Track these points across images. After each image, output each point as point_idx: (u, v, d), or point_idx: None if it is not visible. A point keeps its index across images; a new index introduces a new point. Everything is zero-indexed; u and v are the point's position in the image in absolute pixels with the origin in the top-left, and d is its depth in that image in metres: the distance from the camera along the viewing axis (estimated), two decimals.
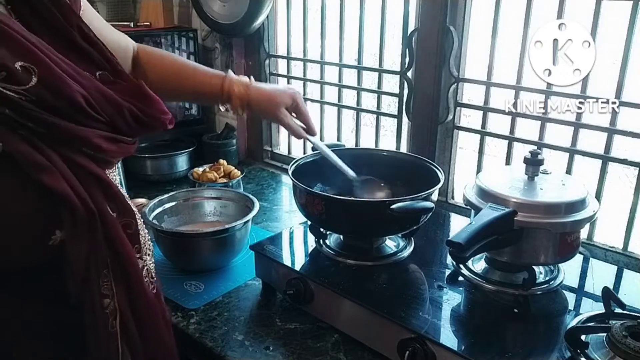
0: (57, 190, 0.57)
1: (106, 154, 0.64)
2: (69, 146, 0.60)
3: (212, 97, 1.00)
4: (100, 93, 0.63)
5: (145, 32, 1.93)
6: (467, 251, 0.84)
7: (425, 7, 1.37)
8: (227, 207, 1.35)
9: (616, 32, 1.13)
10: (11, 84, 0.55)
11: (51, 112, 0.58)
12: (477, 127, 1.40)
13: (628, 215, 1.19)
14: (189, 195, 1.36)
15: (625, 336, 0.79)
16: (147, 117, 0.69)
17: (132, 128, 0.68)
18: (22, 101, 0.55)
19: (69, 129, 0.60)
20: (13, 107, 0.55)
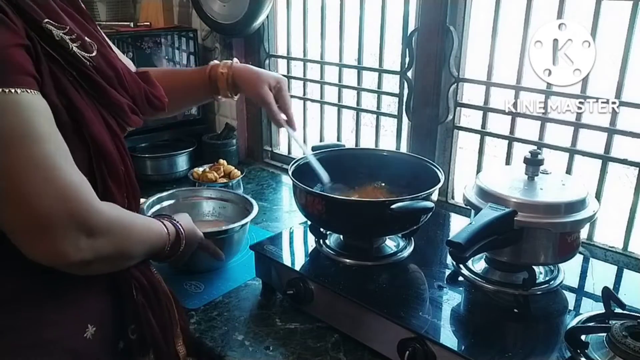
0: (100, 140, 0.70)
1: (128, 121, 0.77)
2: (107, 109, 0.73)
3: (201, 86, 1.05)
4: (129, 74, 0.79)
5: (145, 32, 1.93)
6: (467, 251, 0.84)
7: (425, 7, 1.37)
8: (226, 208, 1.34)
9: (616, 32, 1.13)
10: (83, 51, 0.70)
11: (104, 79, 0.72)
12: (477, 127, 1.40)
13: (628, 215, 1.19)
14: (188, 194, 1.35)
15: (625, 336, 0.79)
16: (155, 99, 0.84)
17: (144, 105, 0.82)
18: (88, 65, 0.70)
19: (112, 95, 0.73)
20: (79, 71, 0.69)
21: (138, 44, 1.78)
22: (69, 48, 0.67)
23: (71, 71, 0.68)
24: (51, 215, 0.60)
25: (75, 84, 0.68)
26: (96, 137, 0.69)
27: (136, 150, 1.80)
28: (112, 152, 0.72)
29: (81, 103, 0.68)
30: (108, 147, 0.71)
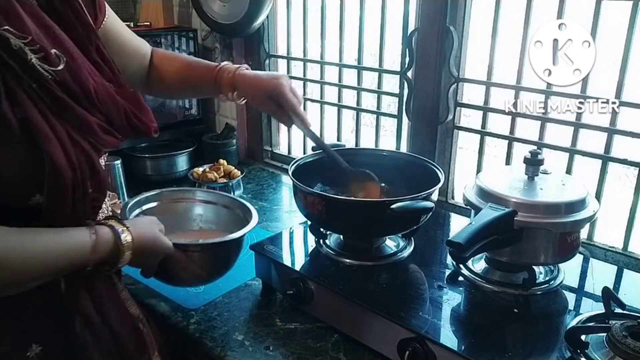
0: (55, 159, 0.65)
1: (99, 141, 0.73)
2: (72, 127, 0.69)
3: (209, 84, 1.02)
4: (105, 90, 0.74)
5: (145, 32, 1.92)
6: (467, 251, 0.84)
7: (425, 7, 1.37)
8: (220, 215, 1.13)
9: (616, 32, 1.12)
10: (46, 64, 0.66)
11: (68, 95, 0.68)
12: (477, 127, 1.40)
13: (628, 215, 1.19)
14: (176, 196, 1.14)
15: (625, 336, 0.79)
16: (137, 120, 0.79)
17: (123, 126, 0.77)
18: (49, 79, 0.66)
19: (78, 113, 0.69)
20: (40, 83, 0.65)
21: None
22: (27, 59, 0.64)
23: (30, 83, 0.65)
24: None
25: (34, 97, 0.65)
26: (50, 155, 0.65)
27: (136, 150, 1.80)
28: (65, 171, 0.66)
29: (36, 117, 0.64)
30: (61, 166, 0.66)
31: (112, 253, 0.74)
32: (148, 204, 1.08)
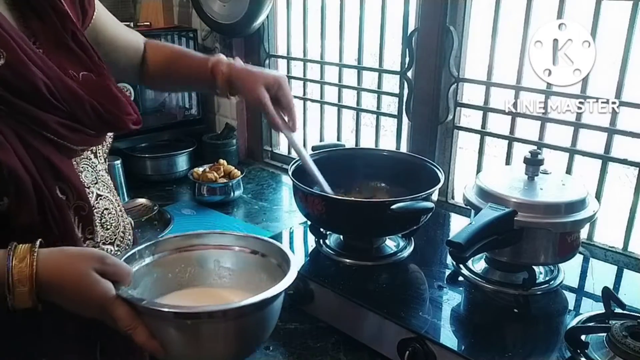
0: (7, 164, 0.61)
1: (66, 140, 0.67)
2: (30, 129, 0.64)
3: (202, 79, 0.93)
4: (63, 84, 0.68)
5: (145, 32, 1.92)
6: (467, 251, 0.84)
7: (425, 7, 1.37)
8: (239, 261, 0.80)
9: (616, 32, 1.12)
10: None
11: (14, 94, 0.63)
12: (477, 127, 1.40)
13: (628, 215, 1.19)
14: (185, 243, 0.79)
15: (625, 336, 0.79)
16: (108, 114, 0.72)
17: (93, 121, 0.70)
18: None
19: (28, 110, 0.64)
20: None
21: None
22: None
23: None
24: None
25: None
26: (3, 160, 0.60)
27: (136, 150, 1.80)
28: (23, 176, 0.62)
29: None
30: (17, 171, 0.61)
31: (2, 286, 0.59)
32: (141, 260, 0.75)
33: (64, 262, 0.62)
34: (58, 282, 0.61)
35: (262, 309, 0.67)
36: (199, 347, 0.65)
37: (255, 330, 0.69)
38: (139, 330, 0.63)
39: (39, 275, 0.60)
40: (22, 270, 0.59)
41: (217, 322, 0.64)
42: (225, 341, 0.67)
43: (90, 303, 0.63)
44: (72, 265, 0.62)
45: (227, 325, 0.65)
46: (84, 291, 0.62)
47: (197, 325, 0.63)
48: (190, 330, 0.63)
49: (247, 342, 0.69)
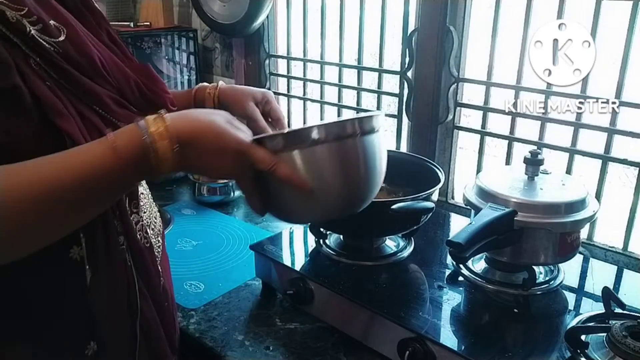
0: (72, 134, 0.61)
1: (113, 114, 0.68)
2: (83, 102, 0.65)
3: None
4: (112, 61, 0.70)
5: (145, 32, 1.93)
6: (467, 251, 0.84)
7: (425, 7, 1.37)
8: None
9: (616, 32, 1.13)
10: (45, 35, 0.62)
11: (73, 66, 0.64)
12: (477, 127, 1.40)
13: (628, 215, 1.19)
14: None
15: (625, 336, 0.79)
16: (150, 92, 0.74)
17: (137, 99, 0.72)
18: (52, 51, 0.62)
19: (85, 83, 0.65)
20: (43, 57, 0.61)
21: (138, 44, 1.78)
22: (27, 31, 0.60)
23: (34, 57, 0.61)
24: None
25: (41, 72, 0.61)
26: (67, 130, 0.61)
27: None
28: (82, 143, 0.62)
29: (46, 93, 0.61)
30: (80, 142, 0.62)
31: (143, 149, 0.59)
32: None
33: (195, 116, 0.64)
34: (195, 133, 0.62)
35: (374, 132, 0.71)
36: (337, 171, 0.68)
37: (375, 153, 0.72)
38: (281, 165, 0.66)
39: (176, 128, 0.60)
40: (158, 127, 0.60)
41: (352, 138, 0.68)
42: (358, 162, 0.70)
43: (228, 151, 0.63)
44: (205, 117, 0.64)
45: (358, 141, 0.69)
46: (221, 138, 0.63)
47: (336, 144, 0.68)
48: (327, 151, 0.67)
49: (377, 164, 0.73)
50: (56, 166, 0.57)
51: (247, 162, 0.65)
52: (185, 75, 2.01)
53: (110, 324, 0.71)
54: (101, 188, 0.60)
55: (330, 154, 0.68)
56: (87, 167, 0.58)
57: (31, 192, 0.55)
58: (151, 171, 0.61)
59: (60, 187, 0.56)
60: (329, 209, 0.73)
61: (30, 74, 0.60)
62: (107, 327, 0.71)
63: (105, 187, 0.60)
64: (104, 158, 0.58)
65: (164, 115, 0.62)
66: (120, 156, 0.59)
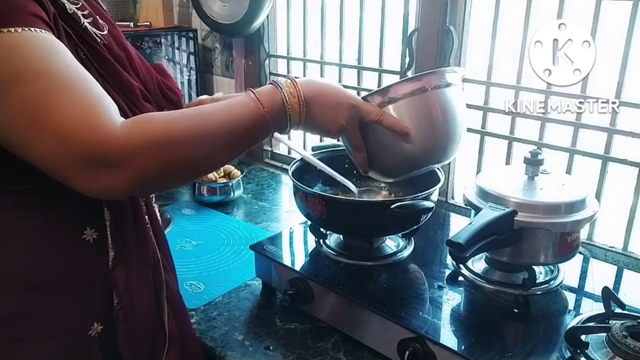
0: None
1: (140, 107, 0.73)
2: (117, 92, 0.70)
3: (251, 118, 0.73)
4: (140, 58, 0.78)
5: (145, 32, 1.93)
6: (467, 251, 0.84)
7: (425, 7, 1.37)
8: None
9: (616, 32, 1.12)
10: (94, 28, 0.69)
11: (114, 59, 0.70)
12: (477, 127, 1.40)
13: (628, 215, 1.19)
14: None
15: (625, 336, 0.79)
16: (168, 90, 0.81)
17: (157, 95, 0.79)
18: (99, 43, 0.69)
19: (123, 76, 0.71)
20: (91, 48, 0.67)
21: (138, 44, 1.78)
22: (81, 23, 0.67)
23: (83, 48, 0.67)
24: (56, 156, 0.56)
25: (86, 62, 0.66)
26: None
27: None
28: None
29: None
30: None
31: (280, 102, 0.71)
32: None
33: (316, 80, 0.78)
34: (317, 92, 0.75)
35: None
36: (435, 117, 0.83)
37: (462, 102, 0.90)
38: (387, 115, 0.81)
39: (303, 88, 0.73)
40: (289, 85, 0.73)
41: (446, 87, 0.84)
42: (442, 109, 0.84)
43: (343, 105, 0.77)
44: (323, 81, 0.79)
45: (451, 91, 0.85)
46: (338, 95, 0.77)
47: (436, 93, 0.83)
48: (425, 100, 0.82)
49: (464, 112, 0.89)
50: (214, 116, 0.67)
51: (357, 115, 0.78)
52: (185, 75, 2.01)
53: (138, 299, 0.73)
54: (247, 134, 0.70)
55: (429, 102, 0.83)
56: (238, 116, 0.68)
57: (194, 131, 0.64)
58: (285, 123, 0.73)
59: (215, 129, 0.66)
60: (432, 154, 0.86)
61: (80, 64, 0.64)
62: (133, 302, 0.73)
63: (249, 134, 0.70)
64: (250, 109, 0.69)
65: (294, 79, 0.75)
66: (265, 109, 0.69)
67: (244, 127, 0.69)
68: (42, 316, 0.68)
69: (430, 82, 0.83)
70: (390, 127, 0.81)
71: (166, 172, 0.63)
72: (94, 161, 0.57)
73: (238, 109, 0.69)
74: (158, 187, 0.70)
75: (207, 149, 0.65)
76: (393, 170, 0.91)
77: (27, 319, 0.67)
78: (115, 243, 0.71)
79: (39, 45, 0.57)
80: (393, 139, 0.82)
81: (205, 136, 0.65)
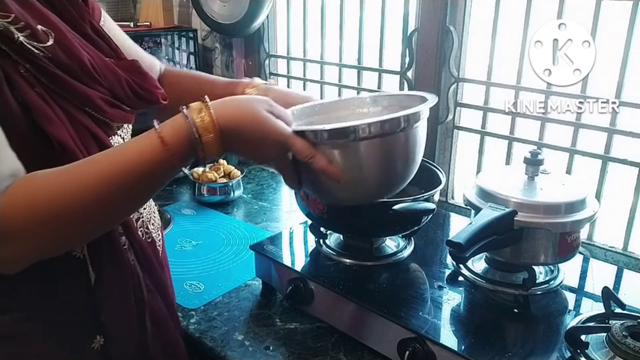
0: (61, 140, 0.63)
1: (106, 115, 0.69)
2: (74, 105, 0.66)
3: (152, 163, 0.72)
4: (102, 61, 0.71)
5: (145, 32, 1.93)
6: (467, 251, 0.84)
7: (425, 7, 1.37)
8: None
9: (616, 32, 1.13)
10: (33, 41, 0.62)
11: (63, 71, 0.65)
12: (477, 127, 1.40)
13: (628, 215, 1.19)
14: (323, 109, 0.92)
15: (625, 336, 0.79)
16: (142, 90, 0.75)
17: (129, 98, 0.73)
18: (41, 57, 0.62)
19: (77, 87, 0.66)
20: (33, 63, 0.62)
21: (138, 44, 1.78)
22: (15, 38, 0.60)
23: (23, 64, 0.61)
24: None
25: (30, 78, 0.62)
26: (56, 136, 0.62)
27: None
28: (75, 152, 0.64)
29: (35, 100, 0.62)
30: (70, 147, 0.63)
31: (190, 141, 0.63)
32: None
33: (238, 106, 0.67)
34: (237, 124, 0.65)
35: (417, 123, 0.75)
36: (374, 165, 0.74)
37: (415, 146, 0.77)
38: (318, 158, 0.70)
39: (220, 121, 0.63)
40: (203, 119, 0.63)
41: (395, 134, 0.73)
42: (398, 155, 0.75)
43: (268, 141, 0.67)
44: (247, 108, 0.67)
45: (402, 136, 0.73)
46: (262, 129, 0.66)
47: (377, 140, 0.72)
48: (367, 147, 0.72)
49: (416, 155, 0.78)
50: (108, 163, 0.61)
51: (286, 150, 0.70)
52: None
53: (119, 319, 0.73)
54: (151, 178, 0.63)
55: (369, 150, 0.73)
56: (136, 161, 0.61)
57: (88, 186, 0.59)
58: (197, 159, 0.65)
59: (113, 181, 0.60)
60: (362, 196, 0.80)
61: (20, 82, 0.61)
62: (115, 322, 0.72)
63: (154, 177, 0.64)
64: (152, 152, 0.61)
65: (208, 103, 0.64)
66: (169, 149, 0.62)
67: (146, 176, 0.62)
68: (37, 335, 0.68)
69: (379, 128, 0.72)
70: (321, 171, 0.71)
71: (58, 244, 0.61)
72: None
73: (139, 157, 0.62)
74: (58, 253, 0.63)
75: (102, 213, 0.61)
76: (330, 201, 0.90)
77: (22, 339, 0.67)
78: (94, 264, 0.69)
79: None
80: (324, 179, 0.73)
81: (100, 199, 0.60)
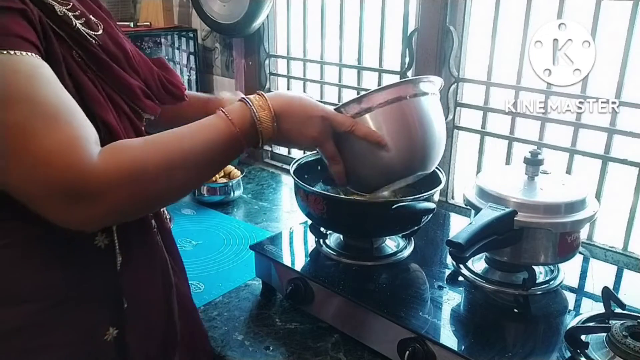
0: (109, 122, 0.66)
1: (141, 105, 0.73)
2: (116, 92, 0.70)
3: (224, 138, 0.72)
4: (139, 55, 0.77)
5: (145, 32, 1.93)
6: (467, 251, 0.84)
7: (425, 7, 1.37)
8: None
9: (616, 32, 1.13)
10: (88, 29, 0.67)
11: (110, 59, 0.69)
12: (477, 127, 1.40)
13: (628, 215, 1.19)
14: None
15: (625, 336, 0.79)
16: (170, 85, 0.80)
17: (159, 91, 0.78)
18: (93, 43, 0.67)
19: (121, 75, 0.70)
20: (85, 50, 0.66)
21: (138, 44, 1.78)
22: (73, 24, 0.65)
23: (77, 50, 0.65)
24: (31, 186, 0.55)
25: (82, 64, 0.66)
26: (104, 118, 0.65)
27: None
28: (120, 135, 0.67)
29: (88, 84, 0.65)
30: (116, 130, 0.66)
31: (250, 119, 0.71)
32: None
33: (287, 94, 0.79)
34: (287, 105, 0.74)
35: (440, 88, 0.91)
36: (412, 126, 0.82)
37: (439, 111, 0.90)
38: (359, 126, 0.80)
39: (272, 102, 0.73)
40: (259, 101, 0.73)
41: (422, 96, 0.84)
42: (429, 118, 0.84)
43: (314, 117, 0.76)
44: (295, 94, 0.79)
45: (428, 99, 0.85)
46: (307, 109, 0.76)
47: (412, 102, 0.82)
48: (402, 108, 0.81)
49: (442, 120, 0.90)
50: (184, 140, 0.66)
51: (330, 127, 0.78)
52: (185, 75, 2.01)
53: (146, 302, 0.74)
54: (220, 155, 0.70)
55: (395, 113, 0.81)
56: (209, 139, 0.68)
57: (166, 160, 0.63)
58: (257, 138, 0.72)
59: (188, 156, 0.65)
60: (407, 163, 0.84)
61: (74, 65, 0.64)
62: (141, 306, 0.73)
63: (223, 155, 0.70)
64: (220, 129, 0.69)
65: (263, 94, 0.74)
66: (235, 126, 0.69)
67: (217, 149, 0.69)
68: (54, 326, 0.68)
69: (406, 90, 0.82)
70: (364, 137, 0.80)
71: (140, 204, 0.64)
72: (69, 195, 0.56)
73: (210, 131, 0.69)
74: (134, 216, 0.67)
75: (180, 177, 0.65)
76: (370, 182, 0.89)
77: (39, 330, 0.67)
78: (122, 248, 0.70)
79: (22, 70, 0.56)
80: (368, 150, 0.80)
81: (179, 164, 0.64)
